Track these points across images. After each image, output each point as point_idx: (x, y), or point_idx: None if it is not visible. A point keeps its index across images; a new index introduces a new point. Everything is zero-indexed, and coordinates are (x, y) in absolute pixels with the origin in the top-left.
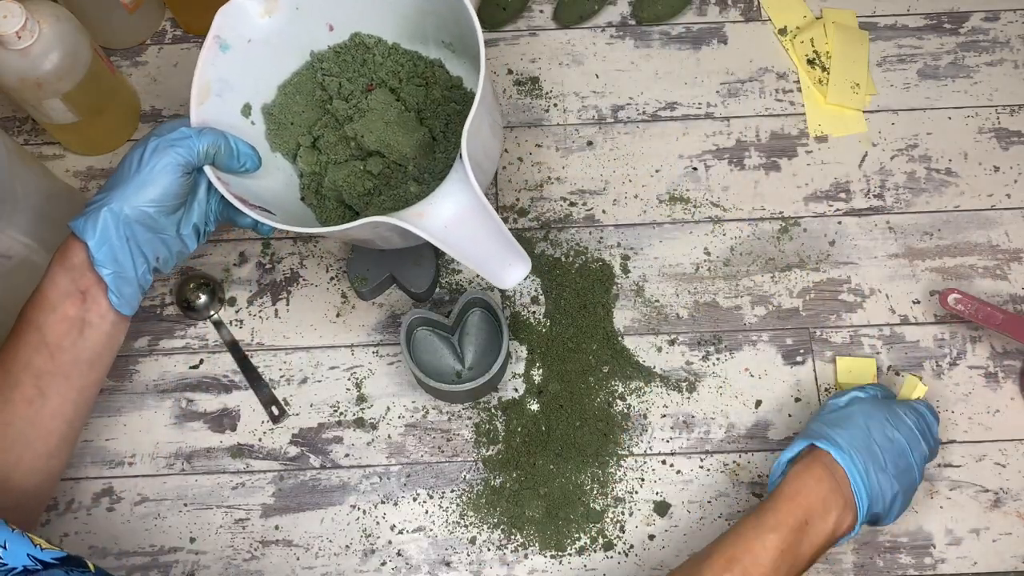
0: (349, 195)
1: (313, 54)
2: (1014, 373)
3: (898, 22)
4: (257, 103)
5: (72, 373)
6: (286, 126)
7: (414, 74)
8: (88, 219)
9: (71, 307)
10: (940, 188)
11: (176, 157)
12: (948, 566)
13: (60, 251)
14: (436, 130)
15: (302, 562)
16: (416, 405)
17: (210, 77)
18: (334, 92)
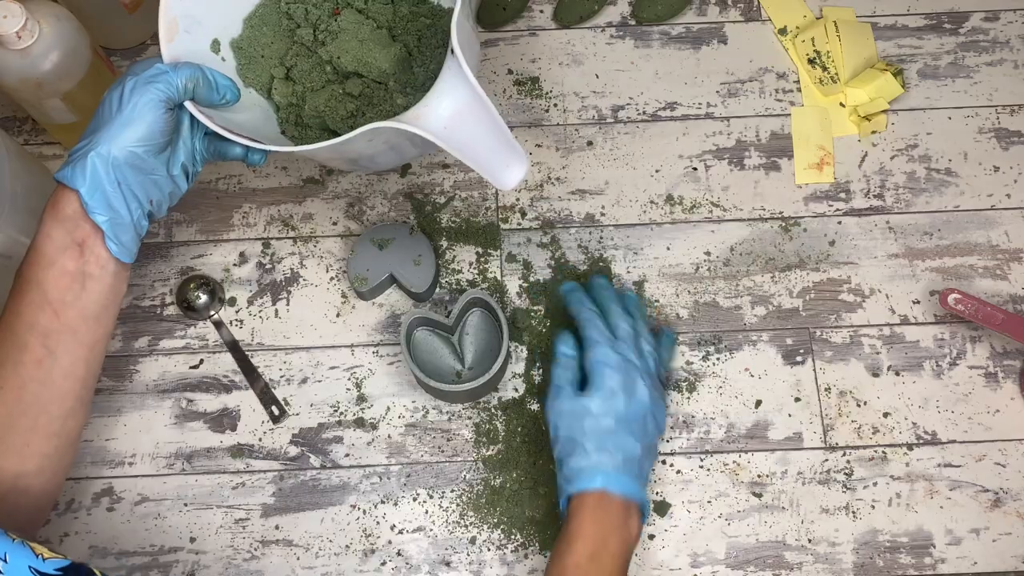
0: (332, 119)
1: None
2: (1014, 373)
3: (898, 22)
4: (225, 38)
5: (79, 329)
6: (256, 59)
7: None
8: (76, 166)
9: (69, 260)
10: (940, 188)
11: (157, 93)
12: (948, 566)
13: (50, 204)
14: (410, 45)
15: (302, 562)
16: (416, 405)
17: (176, 13)
18: (301, 19)
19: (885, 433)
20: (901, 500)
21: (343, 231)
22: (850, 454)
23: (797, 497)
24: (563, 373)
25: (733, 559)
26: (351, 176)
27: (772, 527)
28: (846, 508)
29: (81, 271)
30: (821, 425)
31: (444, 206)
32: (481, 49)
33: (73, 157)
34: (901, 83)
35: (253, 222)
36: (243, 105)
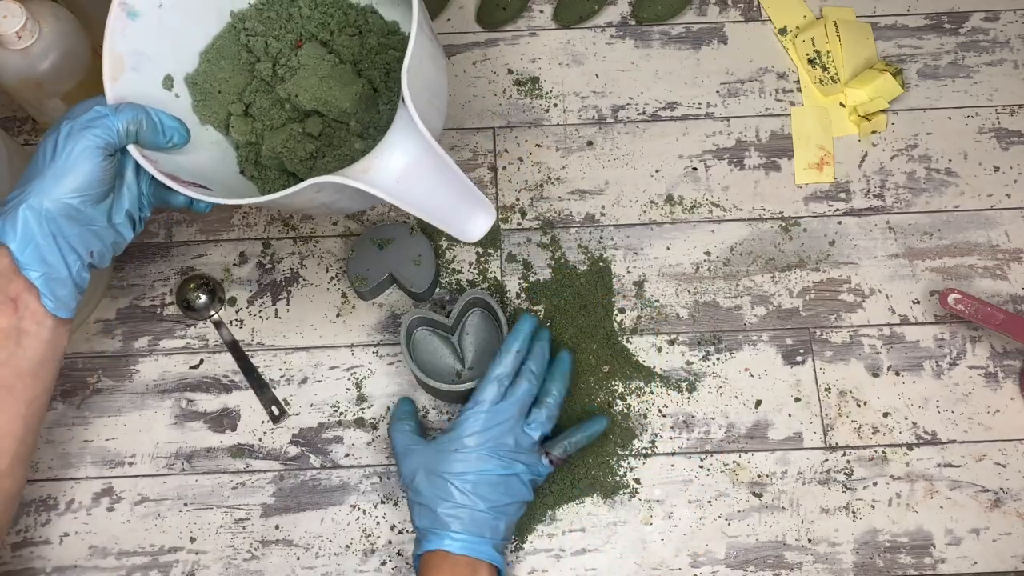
0: (290, 161)
1: (233, 14)
2: (1014, 373)
3: (898, 22)
4: (179, 73)
5: (16, 386)
6: (213, 95)
7: (345, 24)
8: (5, 220)
9: (2, 317)
10: (940, 188)
11: (94, 139)
12: (948, 566)
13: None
14: (376, 80)
15: (302, 562)
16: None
17: (121, 50)
18: (261, 53)
19: (885, 433)
20: (901, 500)
21: (343, 231)
22: (850, 454)
23: (797, 497)
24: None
25: (733, 559)
26: None
27: (772, 527)
28: (846, 508)
29: (15, 327)
30: (821, 425)
31: None
32: (482, 49)
33: (3, 210)
34: (901, 83)
35: (253, 222)
36: (197, 144)
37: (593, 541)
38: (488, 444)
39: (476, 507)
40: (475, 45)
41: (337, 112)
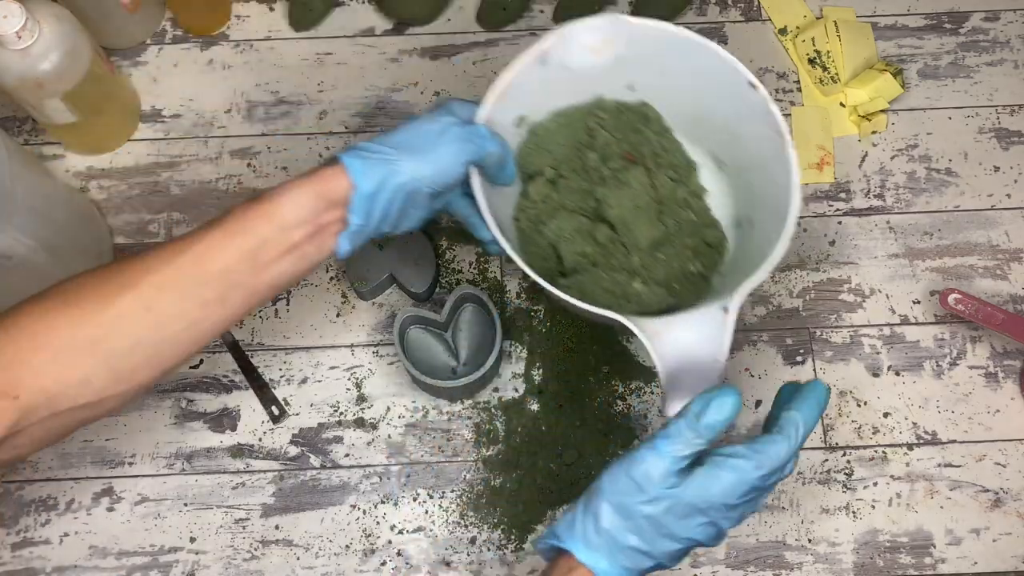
0: (565, 247)
1: (599, 98)
2: (1014, 373)
3: (898, 22)
4: (528, 117)
5: (256, 297)
6: (541, 151)
7: (670, 165)
8: (369, 166)
9: (300, 234)
10: (940, 188)
11: (466, 153)
12: (948, 566)
13: (320, 176)
14: (670, 229)
15: (302, 562)
16: (416, 405)
17: (515, 82)
18: (598, 144)
19: (885, 433)
20: (901, 500)
21: None
22: (850, 454)
23: (797, 497)
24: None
25: (733, 559)
26: None
27: (772, 527)
28: (846, 508)
29: (301, 248)
30: (821, 425)
31: None
32: (482, 49)
33: (370, 155)
34: (901, 83)
35: None
36: None
37: None
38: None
39: (651, 552)
40: (475, 45)
41: (630, 241)
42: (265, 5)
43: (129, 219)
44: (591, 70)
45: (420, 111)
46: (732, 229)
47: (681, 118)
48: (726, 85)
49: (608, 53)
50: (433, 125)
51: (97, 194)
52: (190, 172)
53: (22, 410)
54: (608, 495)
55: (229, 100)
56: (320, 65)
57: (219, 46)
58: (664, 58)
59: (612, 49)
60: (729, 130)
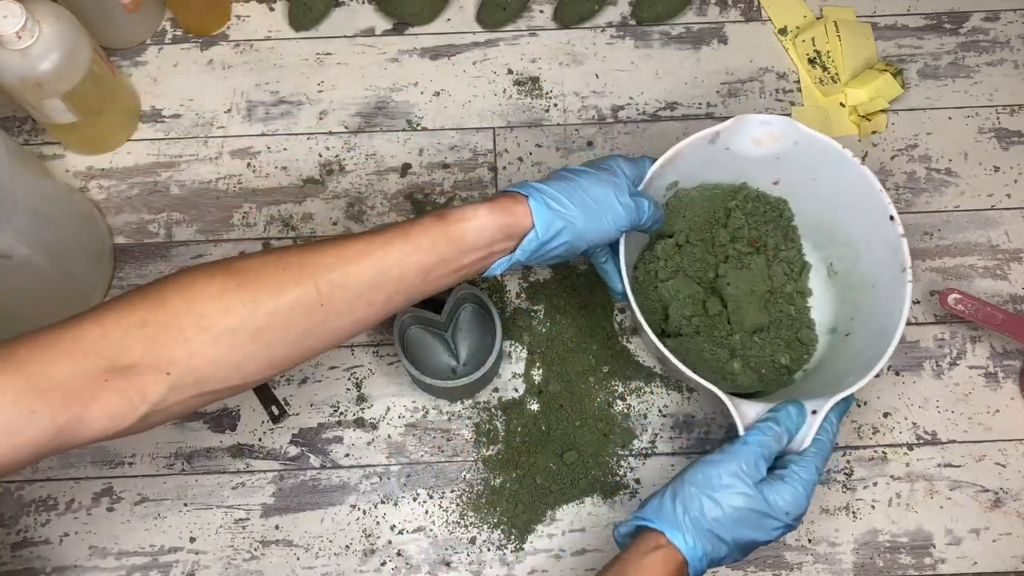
0: (673, 307)
1: (745, 184)
2: (1014, 373)
3: (898, 22)
4: (681, 184)
5: (412, 302)
6: (678, 215)
7: (787, 260)
8: (551, 216)
9: (474, 257)
10: (940, 188)
11: (630, 222)
12: (948, 566)
13: (507, 210)
14: (772, 318)
15: (302, 562)
16: (416, 405)
17: (684, 153)
18: (731, 225)
19: (885, 433)
20: (901, 500)
21: (343, 231)
22: (850, 454)
23: None
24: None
25: None
26: (351, 176)
27: None
28: (846, 508)
29: (468, 269)
30: None
31: (444, 206)
32: (482, 49)
33: (554, 203)
34: (901, 83)
35: (253, 222)
36: None
37: (593, 541)
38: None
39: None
40: (475, 45)
41: (735, 320)
42: (265, 5)
43: (129, 219)
44: (748, 158)
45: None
46: (825, 334)
47: (810, 221)
48: (868, 210)
49: (770, 147)
50: (606, 190)
51: (97, 194)
52: (190, 172)
53: (171, 387)
54: (700, 485)
55: (229, 100)
56: (320, 65)
57: (219, 46)
58: (818, 167)
59: (775, 145)
60: (852, 247)
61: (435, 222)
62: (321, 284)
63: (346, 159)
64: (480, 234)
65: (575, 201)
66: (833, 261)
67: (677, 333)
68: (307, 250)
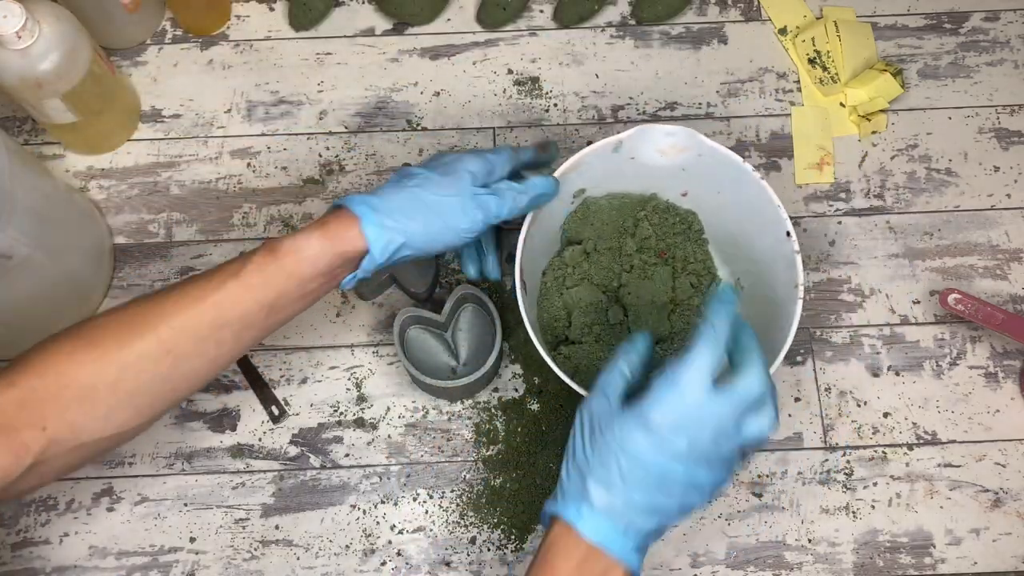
0: (576, 314)
1: (655, 195)
2: (1014, 373)
3: (898, 22)
4: (588, 192)
5: (267, 333)
6: (588, 223)
7: (695, 273)
8: (386, 237)
9: (315, 285)
10: (940, 188)
11: (480, 225)
12: (948, 566)
13: (338, 236)
14: (675, 329)
15: (302, 562)
16: (416, 405)
17: (587, 160)
18: (639, 235)
19: (885, 433)
20: (901, 500)
21: None
22: (850, 454)
23: (797, 497)
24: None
25: (733, 559)
26: (351, 176)
27: (772, 527)
28: (846, 508)
29: (314, 294)
30: (821, 425)
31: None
32: (482, 49)
33: (388, 221)
34: (901, 83)
35: (253, 222)
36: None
37: None
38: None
39: (631, 497)
40: (475, 45)
41: (636, 330)
42: (265, 5)
43: (129, 219)
44: (655, 168)
45: (440, 151)
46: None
47: (719, 235)
48: (767, 224)
49: (675, 158)
50: (447, 195)
51: (97, 194)
52: (190, 172)
53: (49, 440)
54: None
55: (229, 100)
56: (320, 65)
57: (219, 46)
58: (722, 180)
59: (680, 156)
60: (756, 262)
61: (267, 258)
62: (162, 332)
63: (346, 159)
64: (315, 265)
65: (413, 213)
66: (740, 276)
67: (580, 341)
68: (149, 301)
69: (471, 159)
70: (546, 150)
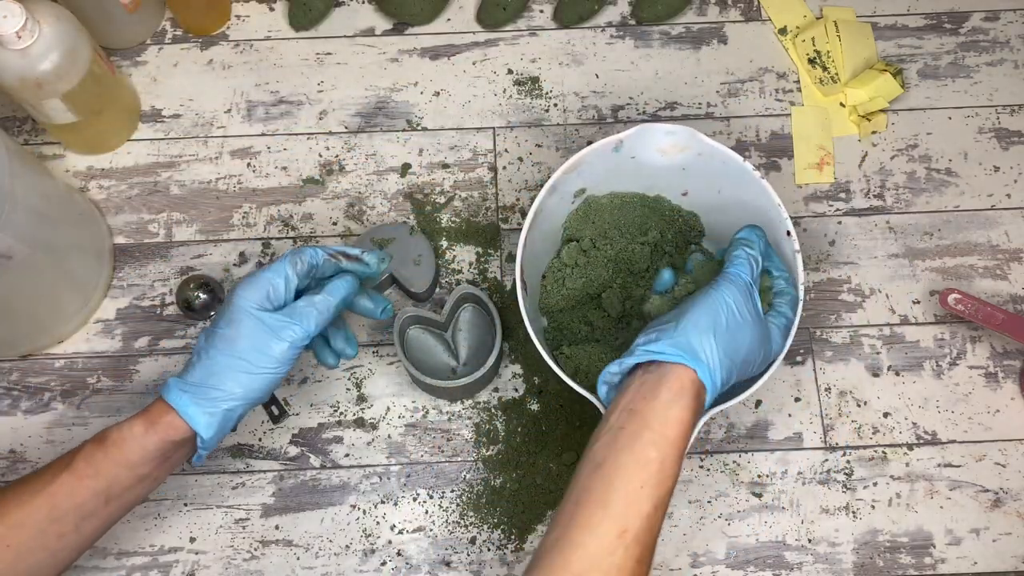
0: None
1: (658, 197)
2: (1014, 373)
3: (898, 22)
4: (589, 191)
5: (111, 521)
6: (588, 221)
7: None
8: (211, 418)
9: (148, 468)
10: (940, 188)
11: (293, 350)
12: (948, 566)
13: (161, 425)
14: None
15: (302, 562)
16: (416, 405)
17: (587, 160)
18: (648, 237)
19: (885, 433)
20: (901, 500)
21: (343, 231)
22: (850, 454)
23: (797, 497)
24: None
25: (733, 559)
26: (351, 176)
27: (772, 527)
28: (846, 508)
29: (152, 476)
30: (821, 425)
31: (444, 206)
32: (482, 49)
33: (209, 406)
34: (901, 83)
35: (253, 222)
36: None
37: None
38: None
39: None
40: (475, 45)
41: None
42: (265, 5)
43: (129, 219)
44: (655, 168)
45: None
46: None
47: (720, 235)
48: (768, 224)
49: (675, 158)
50: (243, 344)
51: (97, 194)
52: (190, 172)
53: None
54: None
55: (229, 100)
56: (320, 65)
57: (219, 46)
58: (722, 180)
59: (680, 156)
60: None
61: (95, 449)
62: (0, 529)
63: (346, 159)
64: (144, 453)
65: (222, 378)
66: None
67: (579, 340)
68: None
69: (244, 291)
70: (359, 260)
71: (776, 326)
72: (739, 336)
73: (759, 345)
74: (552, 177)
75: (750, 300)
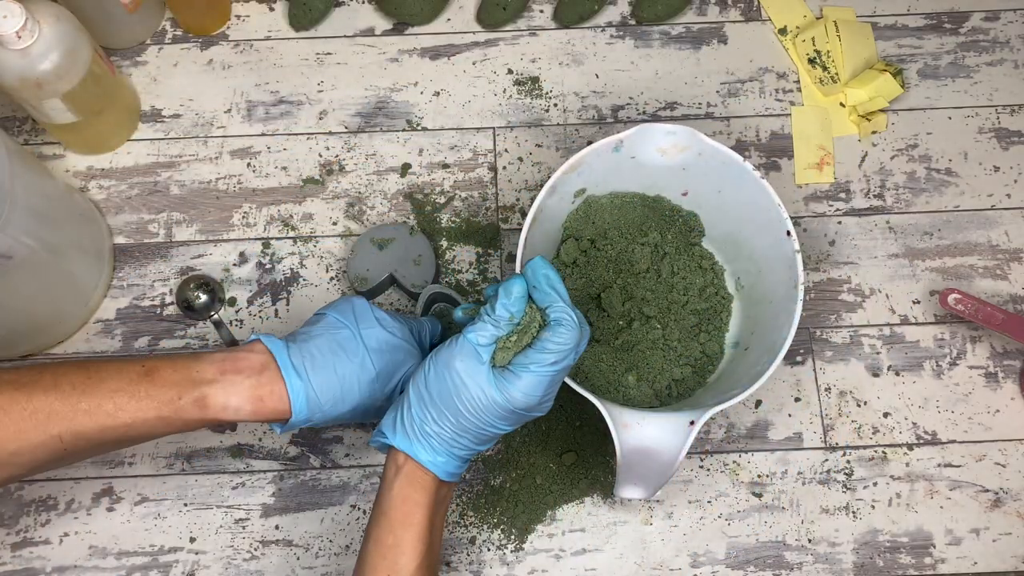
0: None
1: (658, 197)
2: (1014, 373)
3: (898, 22)
4: (589, 191)
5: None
6: (588, 221)
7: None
8: (308, 406)
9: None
10: (940, 188)
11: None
12: (948, 566)
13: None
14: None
15: (302, 562)
16: None
17: (587, 160)
18: (650, 240)
19: (885, 433)
20: (901, 500)
21: (343, 231)
22: (850, 454)
23: (797, 497)
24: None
25: (733, 559)
26: (351, 176)
27: (772, 527)
28: (846, 508)
29: None
30: (821, 425)
31: (444, 206)
32: (482, 49)
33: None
34: (901, 83)
35: (253, 222)
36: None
37: (593, 541)
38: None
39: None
40: (475, 45)
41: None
42: (265, 5)
43: (129, 219)
44: (655, 168)
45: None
46: (729, 348)
47: (720, 235)
48: (767, 224)
49: (675, 158)
50: (351, 365)
51: (97, 194)
52: (190, 172)
53: None
54: (428, 392)
55: (229, 100)
56: (320, 65)
57: (219, 46)
58: (722, 180)
59: (680, 156)
60: (755, 261)
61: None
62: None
63: (346, 159)
64: (234, 416)
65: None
66: (740, 275)
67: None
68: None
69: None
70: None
71: (525, 369)
72: (449, 402)
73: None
74: (552, 177)
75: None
